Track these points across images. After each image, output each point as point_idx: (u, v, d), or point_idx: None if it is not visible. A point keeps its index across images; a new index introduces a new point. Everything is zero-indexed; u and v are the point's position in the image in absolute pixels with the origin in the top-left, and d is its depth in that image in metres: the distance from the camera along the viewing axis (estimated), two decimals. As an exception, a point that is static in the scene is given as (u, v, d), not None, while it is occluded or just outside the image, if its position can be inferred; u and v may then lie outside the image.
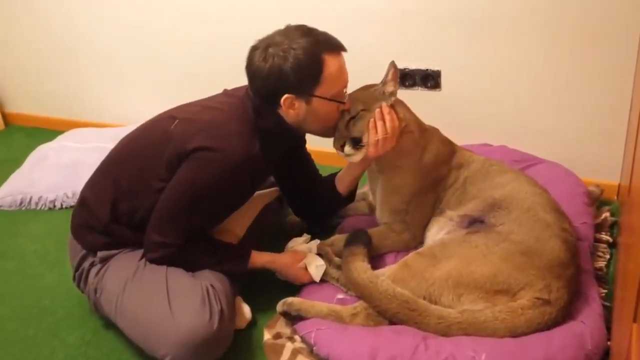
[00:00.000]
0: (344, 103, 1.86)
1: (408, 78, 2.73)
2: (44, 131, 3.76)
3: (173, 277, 1.79)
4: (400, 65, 2.71)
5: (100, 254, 1.90)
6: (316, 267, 2.00)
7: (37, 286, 2.26)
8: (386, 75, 1.94)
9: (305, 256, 2.04)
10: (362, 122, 1.90)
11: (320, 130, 1.91)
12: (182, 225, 1.81)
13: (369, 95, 1.95)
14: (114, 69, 2.33)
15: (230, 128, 1.77)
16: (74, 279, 1.99)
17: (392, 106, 1.94)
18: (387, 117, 1.89)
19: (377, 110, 1.90)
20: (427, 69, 2.70)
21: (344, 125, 1.91)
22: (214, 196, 1.78)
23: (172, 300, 1.72)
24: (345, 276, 1.87)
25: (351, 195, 2.22)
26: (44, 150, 3.17)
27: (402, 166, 2.04)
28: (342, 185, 2.16)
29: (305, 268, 2.01)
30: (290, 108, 1.79)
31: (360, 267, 1.82)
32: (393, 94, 1.94)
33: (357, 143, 1.91)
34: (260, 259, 1.97)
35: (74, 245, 1.97)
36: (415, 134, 2.02)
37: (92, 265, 1.91)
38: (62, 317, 2.08)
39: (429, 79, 2.70)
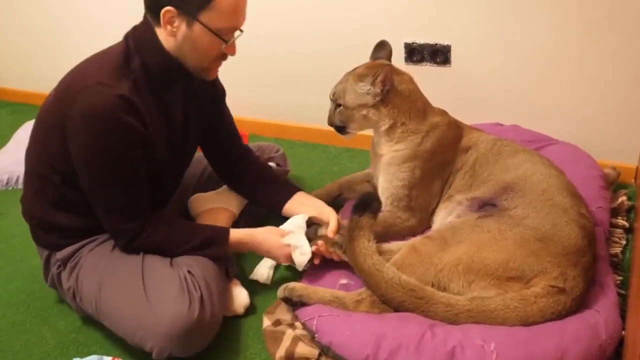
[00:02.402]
0: (226, 42, 1.78)
1: (416, 53, 2.72)
2: (31, 107, 3.73)
3: (148, 268, 1.81)
4: (408, 39, 2.71)
5: (58, 255, 1.91)
6: (301, 255, 1.95)
7: (25, 270, 2.27)
8: (376, 75, 2.00)
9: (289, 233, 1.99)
10: (342, 116, 2.12)
11: (196, 64, 1.82)
12: (117, 205, 1.80)
13: (355, 90, 2.06)
14: (103, 43, 2.27)
15: (86, 82, 1.71)
16: (45, 278, 2.01)
17: (380, 101, 2.04)
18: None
19: (320, 247, 1.96)
20: (436, 44, 2.68)
21: (332, 106, 2.15)
22: (112, 157, 1.73)
23: (148, 293, 1.74)
24: (350, 257, 1.86)
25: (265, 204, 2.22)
26: (30, 127, 3.15)
27: (400, 152, 2.07)
28: (278, 204, 2.14)
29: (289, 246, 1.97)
30: (169, 24, 1.73)
31: (366, 249, 1.81)
32: (377, 95, 2.04)
33: (342, 130, 2.16)
34: (237, 235, 1.96)
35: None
36: (409, 125, 2.06)
37: (59, 269, 1.93)
38: (51, 302, 2.09)
39: (438, 54, 2.69)
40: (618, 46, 2.37)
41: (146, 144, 1.78)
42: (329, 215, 2.07)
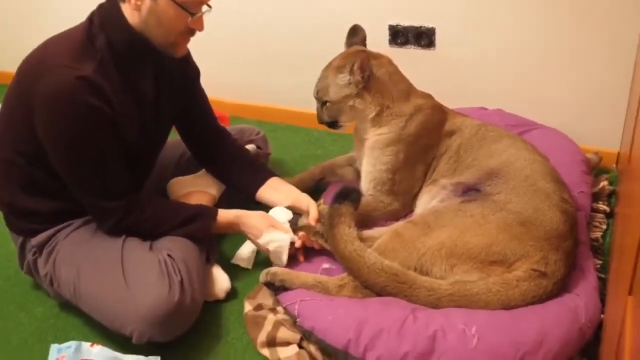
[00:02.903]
0: (192, 15, 1.77)
1: (400, 35, 2.71)
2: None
3: (127, 253, 1.80)
4: (392, 21, 2.70)
5: (33, 241, 1.90)
6: (279, 246, 1.94)
7: (1, 255, 2.25)
8: (353, 64, 2.01)
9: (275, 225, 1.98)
10: (330, 111, 2.12)
11: (162, 39, 1.81)
12: (95, 186, 1.79)
13: (336, 84, 2.06)
14: (70, 24, 2.25)
15: (47, 63, 1.71)
16: (20, 265, 2.00)
17: (363, 88, 2.04)
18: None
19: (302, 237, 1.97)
20: (420, 26, 2.67)
21: (319, 105, 2.14)
22: (78, 138, 1.72)
23: (128, 278, 1.74)
24: (330, 244, 1.87)
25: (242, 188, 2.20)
26: None
27: (384, 136, 2.07)
28: (251, 188, 2.14)
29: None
30: None
31: (346, 235, 1.82)
32: (359, 83, 2.04)
33: (334, 125, 2.15)
34: (226, 215, 1.96)
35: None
36: (394, 108, 2.07)
37: (34, 255, 1.91)
38: (28, 288, 2.08)
39: (423, 37, 2.68)
40: (602, 32, 2.39)
41: (114, 124, 1.77)
42: (308, 202, 2.07)
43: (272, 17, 2.96)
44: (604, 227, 2.15)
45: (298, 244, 1.97)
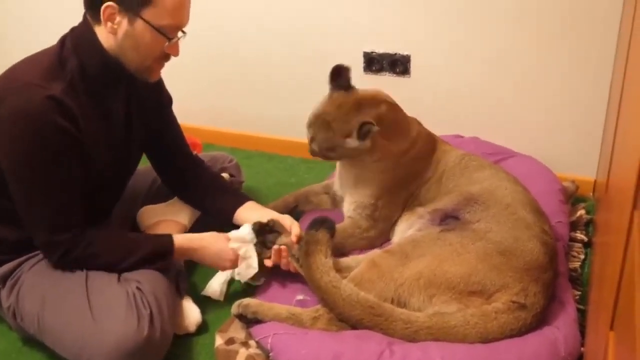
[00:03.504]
0: (169, 40, 1.75)
1: (375, 63, 2.73)
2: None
3: (94, 285, 1.75)
4: (367, 48, 2.72)
5: None
6: (247, 267, 1.93)
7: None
8: (361, 131, 1.95)
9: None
10: (327, 151, 2.04)
11: (137, 63, 1.78)
12: (48, 214, 1.73)
13: (343, 147, 2.00)
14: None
15: (14, 83, 1.68)
16: None
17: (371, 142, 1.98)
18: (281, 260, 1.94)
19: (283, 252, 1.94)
20: (395, 53, 2.69)
21: (311, 142, 2.06)
22: (41, 159, 1.68)
23: (94, 310, 1.69)
24: (305, 273, 1.84)
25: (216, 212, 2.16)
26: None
27: (378, 164, 2.06)
28: (228, 212, 2.10)
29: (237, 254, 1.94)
30: (110, 21, 1.70)
31: (322, 265, 1.79)
32: (368, 144, 1.98)
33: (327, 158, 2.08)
34: (181, 240, 1.91)
35: None
36: (393, 147, 2.05)
37: None
38: (-12, 320, 2.02)
39: (398, 64, 2.70)
40: (577, 59, 2.42)
41: (81, 148, 1.74)
42: (291, 222, 2.03)
43: (245, 44, 2.95)
44: (582, 256, 2.15)
45: (269, 262, 1.95)
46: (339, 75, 2.07)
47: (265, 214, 2.06)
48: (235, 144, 3.14)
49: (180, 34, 1.79)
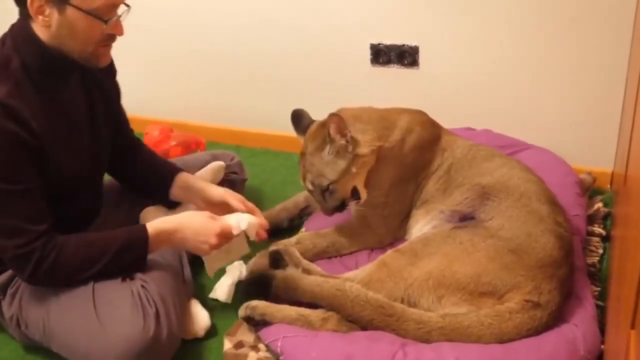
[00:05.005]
0: (106, 22, 1.70)
1: (382, 55, 2.71)
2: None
3: (98, 286, 1.75)
4: (374, 40, 2.70)
5: None
6: (250, 223, 1.93)
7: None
8: (328, 133, 1.94)
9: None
10: (337, 193, 2.00)
11: (79, 51, 1.73)
12: (11, 224, 1.66)
13: (327, 162, 1.97)
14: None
15: None
16: None
17: (354, 147, 1.96)
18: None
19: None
20: (403, 45, 2.68)
21: (320, 197, 2.01)
22: None
23: (100, 312, 1.69)
24: (303, 297, 1.82)
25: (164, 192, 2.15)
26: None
27: (381, 163, 2.05)
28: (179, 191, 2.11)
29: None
30: (40, 14, 1.66)
31: (314, 281, 1.81)
32: (346, 146, 1.95)
33: (343, 207, 2.02)
34: (156, 226, 1.83)
35: None
36: (388, 141, 2.04)
37: None
38: (-8, 327, 2.02)
39: (406, 56, 2.68)
40: (592, 47, 2.40)
41: (39, 150, 1.68)
42: (241, 199, 2.06)
43: (250, 38, 2.95)
44: (601, 251, 2.13)
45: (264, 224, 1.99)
46: (301, 118, 2.14)
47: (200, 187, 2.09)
48: (240, 142, 3.14)
49: (122, 9, 1.75)
